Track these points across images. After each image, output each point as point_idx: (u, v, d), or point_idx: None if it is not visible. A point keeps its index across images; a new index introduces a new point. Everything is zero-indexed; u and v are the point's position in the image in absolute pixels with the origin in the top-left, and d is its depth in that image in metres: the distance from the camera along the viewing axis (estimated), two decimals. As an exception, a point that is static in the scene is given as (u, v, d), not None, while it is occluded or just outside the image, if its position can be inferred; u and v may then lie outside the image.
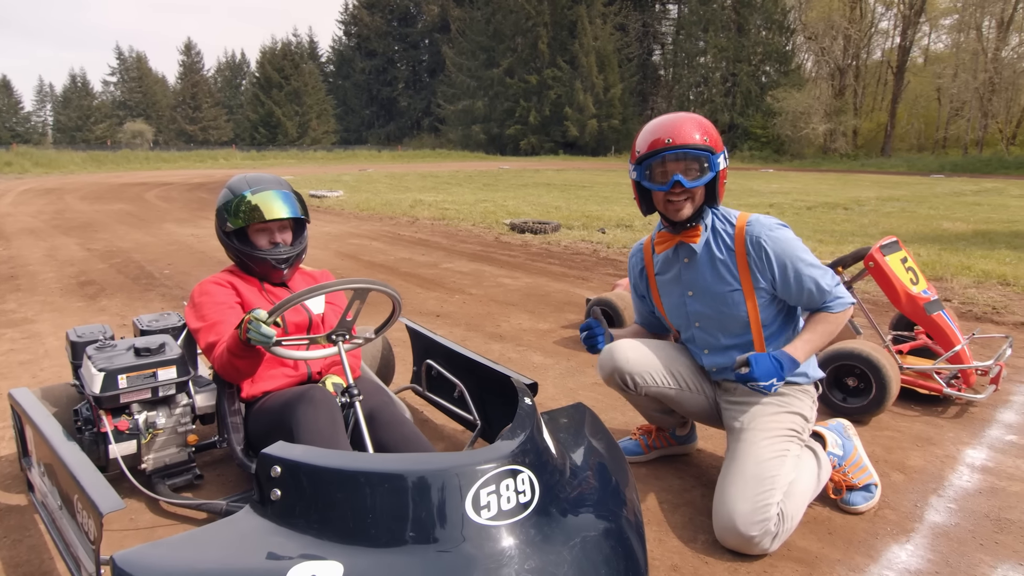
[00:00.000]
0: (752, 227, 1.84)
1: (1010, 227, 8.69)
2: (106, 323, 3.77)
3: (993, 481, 2.08)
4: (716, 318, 1.94)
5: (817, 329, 1.83)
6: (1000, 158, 30.27)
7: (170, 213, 10.40)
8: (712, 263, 1.90)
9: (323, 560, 1.02)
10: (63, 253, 6.39)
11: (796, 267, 1.80)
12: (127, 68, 63.31)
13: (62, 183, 18.34)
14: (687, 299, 1.97)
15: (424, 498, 1.09)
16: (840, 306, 1.84)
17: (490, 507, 1.11)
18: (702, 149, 1.77)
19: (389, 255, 6.42)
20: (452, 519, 1.08)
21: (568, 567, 1.10)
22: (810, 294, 1.82)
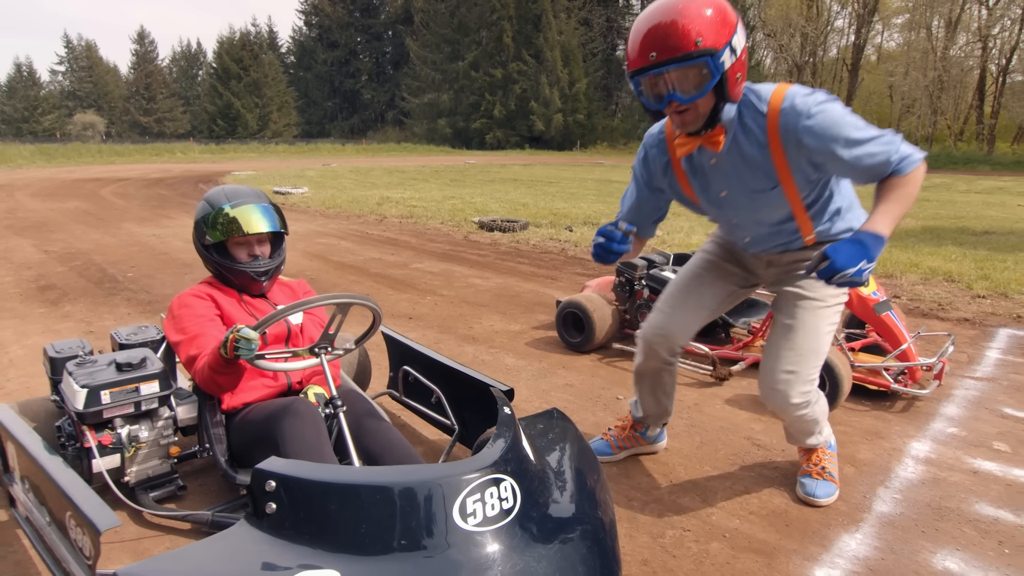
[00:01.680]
0: (786, 118, 1.57)
1: (956, 223, 9.10)
2: (71, 329, 3.72)
3: (935, 472, 2.24)
4: (754, 215, 1.81)
5: (891, 196, 1.58)
6: (948, 154, 31.50)
7: (129, 211, 10.15)
8: (741, 164, 1.68)
9: (320, 569, 1.09)
10: (18, 255, 6.21)
11: (848, 154, 1.56)
12: (76, 57, 61.06)
13: (10, 179, 17.65)
14: (720, 199, 1.80)
15: (414, 507, 1.17)
16: (910, 165, 1.59)
17: (476, 514, 1.19)
18: (695, 56, 1.46)
19: (358, 255, 6.42)
20: (440, 527, 1.16)
21: (549, 567, 1.19)
22: (871, 172, 1.60)
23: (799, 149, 1.59)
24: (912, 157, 1.59)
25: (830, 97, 1.58)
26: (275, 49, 64.64)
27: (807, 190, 1.71)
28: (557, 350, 3.54)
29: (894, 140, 1.59)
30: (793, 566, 1.70)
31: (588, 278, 4.98)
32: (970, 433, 2.54)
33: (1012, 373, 3.22)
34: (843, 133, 1.54)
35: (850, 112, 1.58)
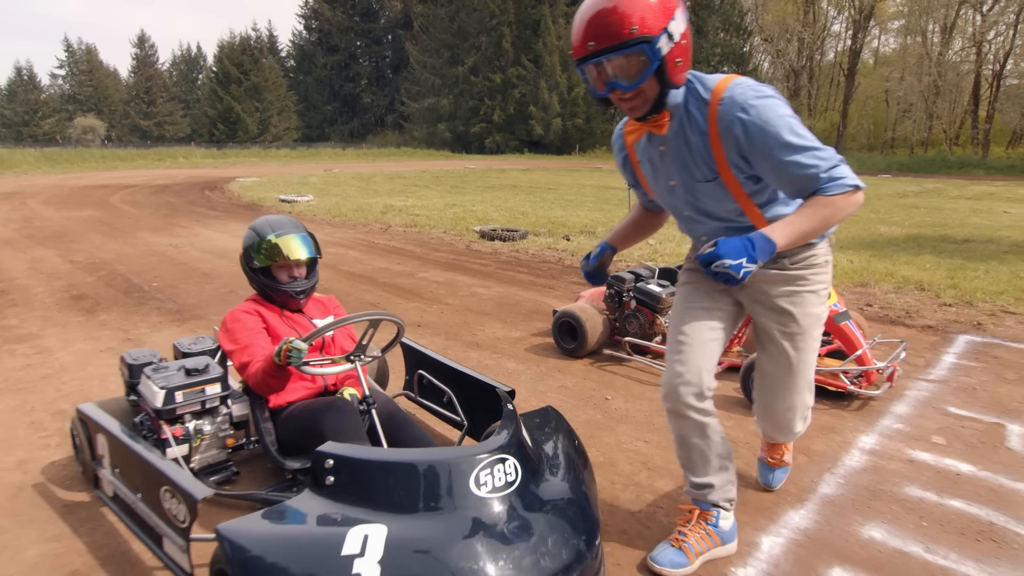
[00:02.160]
0: (725, 106, 1.56)
1: (940, 231, 9.47)
2: (110, 336, 4.09)
3: (876, 461, 2.61)
4: (703, 207, 1.76)
5: (805, 212, 1.56)
6: (943, 158, 31.93)
7: (141, 220, 10.52)
8: (686, 152, 1.67)
9: (372, 523, 1.45)
10: (46, 265, 6.57)
11: (776, 156, 1.53)
12: (76, 61, 61.43)
13: (20, 186, 18.02)
14: (671, 188, 1.79)
15: (440, 479, 1.53)
16: (838, 188, 1.53)
17: (487, 484, 1.55)
18: (631, 43, 1.47)
19: (366, 264, 6.79)
20: (459, 493, 1.53)
21: (542, 526, 1.56)
22: (796, 183, 1.56)
23: (731, 140, 1.57)
24: (844, 181, 1.53)
25: (775, 94, 1.55)
26: (275, 53, 65.05)
27: (749, 185, 1.66)
28: (553, 355, 3.91)
29: (832, 158, 1.54)
30: (744, 535, 2.07)
31: (583, 288, 5.35)
32: (913, 428, 2.91)
33: (962, 376, 3.58)
34: (777, 133, 1.51)
35: (794, 116, 1.55)
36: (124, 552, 1.98)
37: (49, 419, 2.93)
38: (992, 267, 6.43)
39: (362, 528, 1.44)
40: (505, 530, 1.50)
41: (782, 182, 1.60)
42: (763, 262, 1.52)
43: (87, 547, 2.00)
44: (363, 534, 1.42)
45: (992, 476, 2.48)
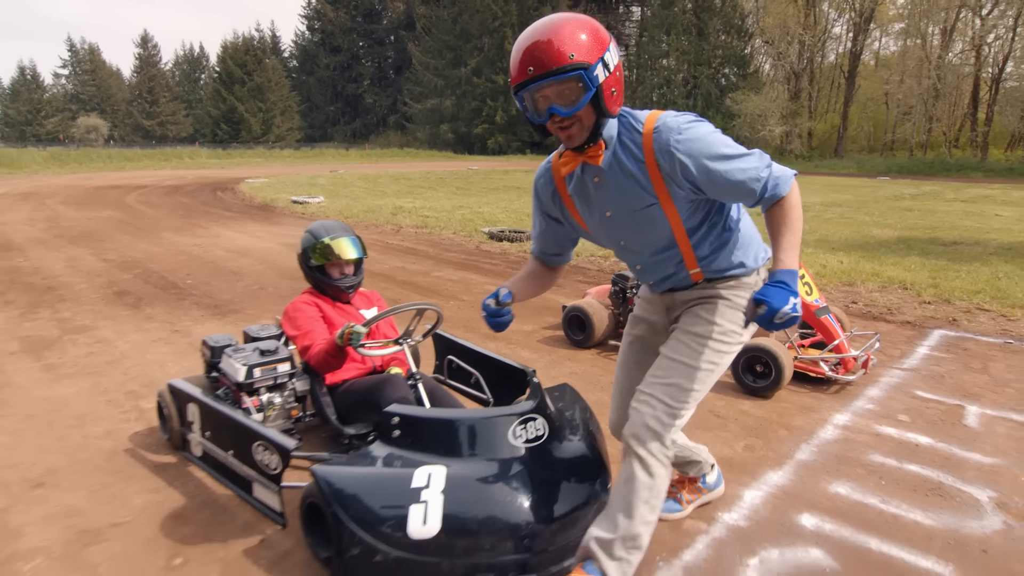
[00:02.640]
0: (660, 134, 1.65)
1: (930, 233, 9.86)
2: (159, 328, 4.49)
3: (847, 434, 3.00)
4: (638, 236, 1.82)
5: (784, 230, 1.65)
6: (942, 160, 32.29)
7: (161, 221, 10.93)
8: (622, 180, 1.73)
9: (434, 465, 1.85)
10: (82, 264, 6.98)
11: (717, 168, 1.62)
12: (79, 60, 61.85)
13: (34, 186, 18.44)
14: (606, 219, 1.82)
15: (486, 432, 1.93)
16: (785, 184, 1.67)
17: (521, 436, 1.95)
18: (570, 69, 1.55)
19: (384, 264, 7.19)
20: (501, 443, 1.92)
21: (564, 470, 1.96)
22: (742, 190, 1.66)
23: (673, 164, 1.64)
24: (785, 175, 1.66)
25: (699, 118, 1.68)
26: (278, 53, 65.44)
27: (687, 211, 1.74)
28: (563, 346, 4.31)
29: (764, 157, 1.67)
30: (730, 489, 2.46)
31: (589, 285, 5.75)
32: (882, 408, 3.30)
33: (933, 365, 3.98)
34: (713, 148, 1.62)
35: (719, 131, 1.68)
36: (215, 499, 2.38)
37: (123, 398, 3.33)
38: (974, 268, 6.82)
39: (426, 468, 1.83)
40: (536, 471, 1.90)
41: (729, 191, 1.66)
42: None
43: (183, 496, 2.40)
44: (427, 472, 1.82)
45: (947, 447, 2.88)
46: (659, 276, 1.90)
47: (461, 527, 1.76)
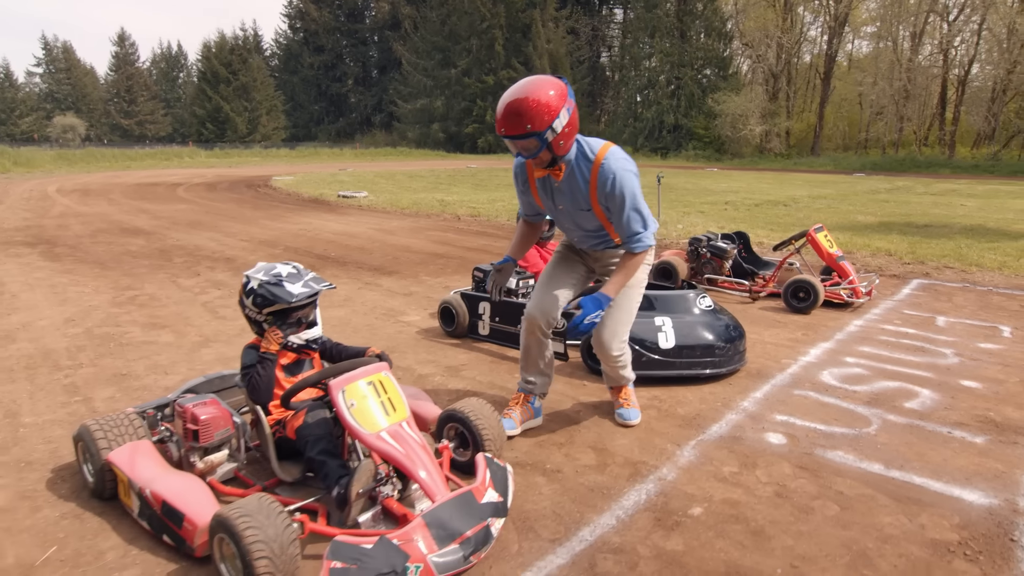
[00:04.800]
0: (604, 168, 2.45)
1: (905, 219, 11.70)
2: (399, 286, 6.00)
3: (863, 329, 4.70)
4: (580, 223, 2.71)
5: (622, 271, 2.58)
6: (913, 158, 34.51)
7: (239, 212, 12.34)
8: (572, 191, 2.56)
9: (664, 316, 3.50)
10: (230, 242, 8.44)
11: (626, 207, 2.48)
12: (53, 59, 61.28)
13: (78, 184, 19.53)
14: (559, 211, 2.71)
15: (684, 302, 3.59)
16: (639, 247, 2.57)
17: (701, 305, 3.62)
18: (528, 135, 2.29)
19: (471, 243, 8.77)
20: (692, 307, 3.59)
21: (726, 322, 3.62)
22: (623, 229, 2.55)
23: (601, 190, 2.48)
24: (644, 243, 2.57)
25: (634, 169, 2.51)
26: (260, 52, 65.53)
27: (607, 216, 2.60)
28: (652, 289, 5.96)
29: (650, 226, 2.59)
30: (798, 350, 4.14)
31: (651, 253, 7.42)
32: (882, 318, 5.02)
33: (913, 298, 5.72)
34: (627, 196, 2.47)
35: (638, 187, 2.53)
36: (503, 354, 3.99)
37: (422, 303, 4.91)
38: (942, 241, 8.64)
39: (660, 317, 3.48)
40: (711, 321, 3.57)
41: (616, 224, 2.59)
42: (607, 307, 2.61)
43: (480, 352, 4.01)
44: (662, 320, 3.47)
45: (925, 333, 4.60)
46: (592, 243, 2.86)
47: (683, 344, 3.43)
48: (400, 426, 2.12)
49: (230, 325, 4.68)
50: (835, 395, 3.42)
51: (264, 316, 2.41)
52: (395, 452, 2.03)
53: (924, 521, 2.23)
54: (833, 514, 2.27)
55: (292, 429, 2.29)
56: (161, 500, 2.03)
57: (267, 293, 2.37)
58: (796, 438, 2.88)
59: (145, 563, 2.01)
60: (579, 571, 1.95)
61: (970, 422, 3.07)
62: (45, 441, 2.83)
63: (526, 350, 2.90)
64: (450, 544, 1.87)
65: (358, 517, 2.02)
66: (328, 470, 2.13)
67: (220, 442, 2.35)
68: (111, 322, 4.73)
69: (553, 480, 2.51)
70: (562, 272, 2.91)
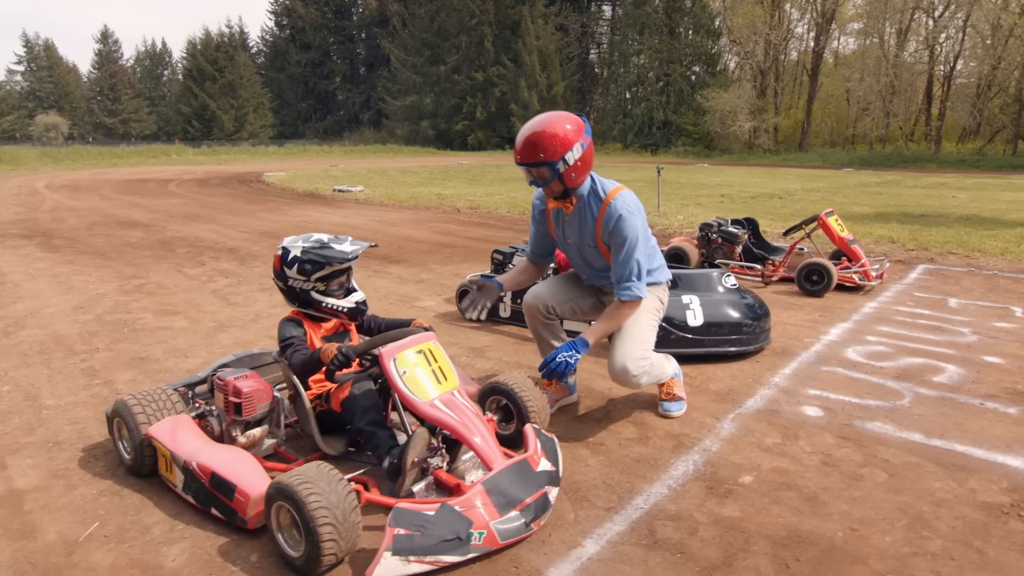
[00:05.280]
0: (612, 209, 2.47)
1: (901, 209, 11.81)
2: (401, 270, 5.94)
3: (878, 311, 4.72)
4: (584, 260, 2.71)
5: (606, 319, 2.51)
6: (900, 153, 34.82)
7: (235, 206, 12.22)
8: (581, 226, 2.60)
9: (691, 295, 3.48)
10: (231, 234, 8.34)
11: (626, 251, 2.45)
12: (35, 57, 60.29)
13: (66, 180, 19.27)
14: (568, 244, 2.73)
15: (710, 280, 3.58)
16: (628, 296, 2.48)
17: (725, 284, 3.61)
18: (541, 164, 2.37)
19: (474, 234, 8.73)
20: (717, 286, 3.57)
21: (751, 300, 3.62)
22: (617, 272, 2.49)
23: (606, 229, 2.49)
24: (633, 292, 2.47)
25: (640, 212, 2.51)
26: (246, 50, 64.98)
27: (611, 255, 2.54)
28: (663, 277, 5.97)
29: (641, 277, 2.48)
30: (819, 329, 4.14)
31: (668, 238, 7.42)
32: (895, 300, 5.05)
33: (922, 282, 5.76)
34: (628, 239, 2.44)
35: (644, 234, 2.49)
36: (525, 336, 3.96)
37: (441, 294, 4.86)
38: (941, 229, 8.72)
39: (687, 296, 3.47)
40: (736, 299, 3.56)
41: (614, 266, 2.51)
42: (584, 353, 2.44)
43: (502, 334, 3.98)
44: (689, 298, 3.46)
45: (940, 314, 4.62)
46: (601, 283, 2.82)
47: (711, 321, 3.42)
48: (452, 394, 2.09)
49: (243, 311, 4.61)
50: (863, 371, 3.42)
51: (313, 283, 2.37)
52: (450, 419, 1.99)
53: (973, 485, 2.23)
54: (883, 480, 2.27)
55: (337, 401, 2.24)
56: (210, 472, 1.98)
57: (316, 257, 2.32)
58: (833, 411, 2.88)
59: (193, 537, 1.96)
60: (639, 537, 1.93)
61: (1000, 394, 3.09)
62: (71, 422, 2.77)
63: (536, 336, 2.93)
64: (511, 511, 1.84)
65: (412, 487, 1.98)
66: (378, 440, 2.10)
67: (262, 416, 2.30)
68: (121, 309, 4.64)
69: (598, 452, 2.48)
70: (571, 279, 2.93)
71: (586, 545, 1.89)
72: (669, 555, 1.84)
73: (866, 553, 1.86)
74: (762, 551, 1.86)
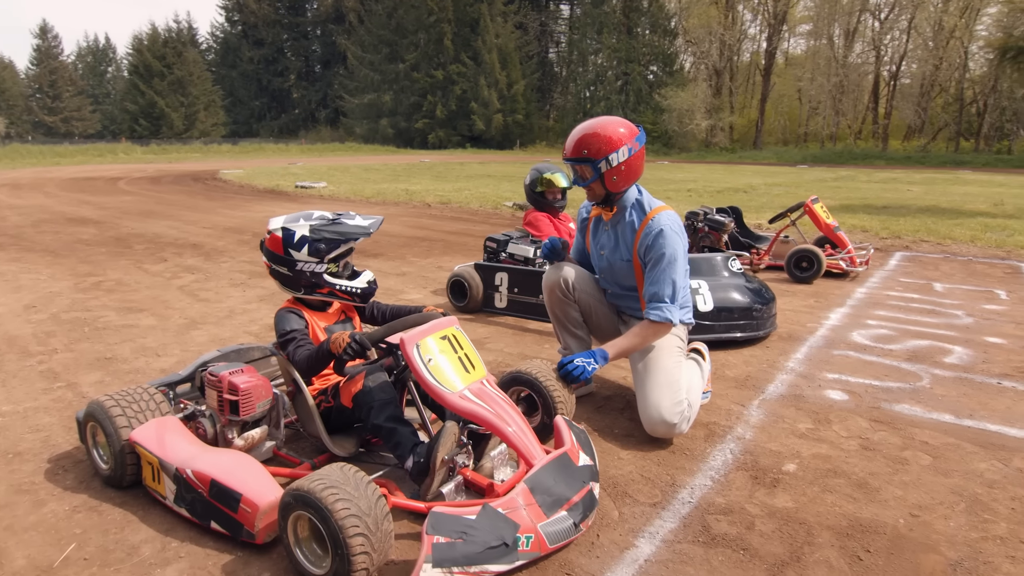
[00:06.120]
0: (653, 225, 2.37)
1: (863, 202, 12.06)
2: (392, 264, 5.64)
3: (869, 295, 4.71)
4: (614, 275, 2.60)
5: (631, 336, 2.36)
6: (850, 150, 35.96)
7: (191, 203, 11.66)
8: (618, 238, 2.51)
9: (700, 280, 3.35)
10: (192, 230, 7.90)
11: (663, 268, 2.34)
12: None
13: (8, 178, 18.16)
14: (601, 256, 2.63)
15: (717, 265, 3.46)
16: (658, 316, 2.32)
17: (731, 269, 3.49)
18: (584, 160, 2.37)
19: (449, 228, 8.50)
20: (723, 270, 3.46)
21: (756, 285, 3.51)
22: (649, 290, 2.37)
23: (643, 244, 2.39)
24: (663, 315, 2.32)
25: (681, 233, 2.40)
26: (196, 46, 62.89)
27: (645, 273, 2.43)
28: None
29: (675, 300, 2.34)
30: (820, 315, 4.08)
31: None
32: (883, 286, 5.05)
33: (902, 269, 5.81)
34: (667, 256, 2.33)
35: (683, 256, 2.38)
36: (523, 326, 3.77)
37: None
38: (908, 219, 8.90)
39: (695, 280, 3.34)
40: (742, 283, 3.45)
41: (650, 281, 2.38)
42: (602, 365, 2.30)
43: (499, 325, 3.78)
44: (698, 282, 3.33)
45: (929, 298, 4.63)
46: (626, 303, 2.66)
47: (721, 307, 3.30)
48: (482, 383, 1.88)
49: (216, 307, 4.29)
50: (874, 353, 3.36)
51: (327, 264, 2.13)
52: (484, 411, 1.79)
53: (1020, 464, 2.15)
54: (928, 463, 2.17)
55: (349, 396, 2.01)
56: (209, 480, 1.73)
57: (331, 234, 2.09)
58: (857, 394, 2.79)
59: (191, 555, 1.71)
60: (694, 534, 1.76)
61: (1014, 373, 3.05)
62: (32, 430, 2.45)
63: (552, 315, 2.81)
64: (558, 511, 1.65)
65: (441, 488, 1.77)
66: (400, 438, 1.88)
67: (261, 415, 2.06)
68: (79, 307, 4.26)
69: (627, 444, 2.32)
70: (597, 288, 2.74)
71: (640, 545, 1.72)
72: (731, 552, 1.69)
73: (934, 540, 1.74)
74: (828, 543, 1.72)
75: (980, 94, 36.48)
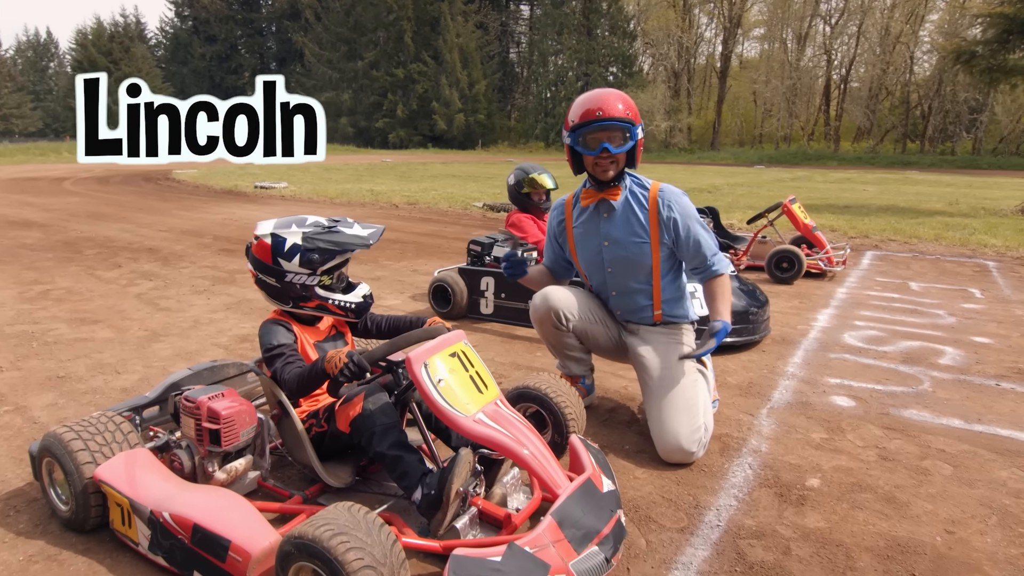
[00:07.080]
0: (664, 193, 2.28)
1: (825, 202, 12.29)
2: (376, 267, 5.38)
3: (851, 295, 4.71)
4: (626, 265, 2.34)
5: (721, 297, 2.28)
6: (803, 151, 36.90)
7: (145, 204, 11.11)
8: (628, 218, 2.30)
9: (694, 282, 3.26)
10: (149, 232, 7.47)
11: (694, 229, 2.27)
12: None
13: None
14: (603, 248, 2.37)
15: (713, 266, 3.38)
16: (724, 266, 2.32)
17: (729, 270, 3.42)
18: (625, 121, 2.16)
19: (420, 229, 8.26)
20: (720, 273, 3.39)
21: (751, 290, 3.43)
22: (697, 251, 2.27)
23: (669, 215, 2.25)
24: (723, 262, 2.32)
25: (685, 194, 2.34)
26: (144, 41, 60.75)
27: (665, 253, 2.31)
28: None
29: (717, 246, 2.34)
30: (806, 315, 4.05)
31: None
32: (862, 286, 5.07)
33: (876, 267, 5.87)
34: (692, 218, 2.28)
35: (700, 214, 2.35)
36: (511, 333, 3.61)
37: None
38: (872, 218, 9.07)
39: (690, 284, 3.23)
40: (739, 287, 3.37)
41: (688, 251, 2.28)
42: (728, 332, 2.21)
43: (486, 332, 3.61)
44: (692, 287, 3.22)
45: (908, 297, 4.67)
46: (629, 308, 2.44)
47: (719, 311, 3.20)
48: (496, 404, 1.72)
49: (178, 317, 4.00)
50: (869, 356, 3.32)
51: (319, 276, 1.92)
52: (502, 437, 1.62)
53: (1040, 473, 2.10)
54: (949, 473, 2.10)
55: (346, 421, 1.82)
56: (191, 524, 1.52)
57: (326, 244, 1.88)
58: (863, 400, 2.72)
59: (170, 609, 1.49)
60: (729, 563, 1.64)
61: (1009, 374, 3.04)
62: (-25, 464, 2.18)
63: (548, 344, 2.57)
64: (588, 546, 1.50)
65: (455, 522, 1.60)
66: (407, 467, 1.70)
67: (245, 444, 1.85)
68: (25, 319, 3.91)
69: (641, 462, 2.18)
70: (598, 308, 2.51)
71: (675, 578, 1.58)
72: (773, 583, 1.57)
73: (976, 559, 1.65)
74: (870, 567, 1.62)
75: (925, 97, 37.91)
